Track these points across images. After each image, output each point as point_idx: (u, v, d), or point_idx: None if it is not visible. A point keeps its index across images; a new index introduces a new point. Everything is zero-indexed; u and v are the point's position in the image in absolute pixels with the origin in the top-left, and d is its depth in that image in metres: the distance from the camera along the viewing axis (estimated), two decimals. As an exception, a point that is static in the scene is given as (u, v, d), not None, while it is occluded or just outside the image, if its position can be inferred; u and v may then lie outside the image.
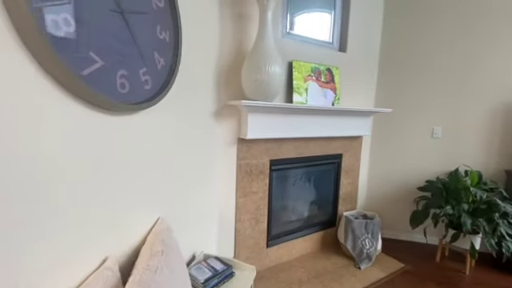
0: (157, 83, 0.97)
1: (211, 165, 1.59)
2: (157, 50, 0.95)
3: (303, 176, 2.22)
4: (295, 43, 1.91)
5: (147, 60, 0.90)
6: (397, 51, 2.37)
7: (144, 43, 0.87)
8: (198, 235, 1.54)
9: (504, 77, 2.17)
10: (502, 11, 2.11)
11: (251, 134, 1.65)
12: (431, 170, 2.37)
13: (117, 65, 0.77)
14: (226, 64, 1.60)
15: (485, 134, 2.25)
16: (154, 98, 0.94)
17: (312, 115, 1.94)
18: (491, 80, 2.19)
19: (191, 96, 1.40)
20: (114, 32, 0.75)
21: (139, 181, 1.04)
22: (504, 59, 2.15)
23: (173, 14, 1.01)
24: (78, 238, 0.81)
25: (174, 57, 1.04)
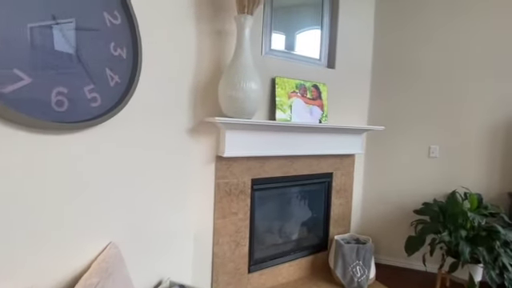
0: (109, 100, 0.93)
1: (185, 184, 1.53)
2: (109, 67, 0.91)
3: (290, 196, 2.11)
4: (279, 60, 1.88)
5: (95, 77, 0.86)
6: (389, 67, 2.30)
7: (92, 60, 0.84)
8: (167, 260, 1.45)
9: (503, 91, 2.06)
10: (499, 27, 2.04)
11: (229, 151, 1.59)
12: (428, 192, 2.22)
13: (52, 82, 0.73)
14: (204, 80, 1.57)
15: (485, 153, 2.12)
16: (105, 115, 0.89)
17: (298, 132, 1.86)
18: (490, 95, 2.08)
19: (161, 112, 1.36)
20: (50, 48, 0.72)
21: (80, 203, 0.97)
22: (502, 73, 2.05)
23: (132, 31, 0.99)
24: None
25: (132, 73, 1.00)
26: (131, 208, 1.21)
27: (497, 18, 2.04)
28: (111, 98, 0.93)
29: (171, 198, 1.46)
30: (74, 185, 0.95)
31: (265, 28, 1.80)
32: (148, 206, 1.36)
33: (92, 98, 0.86)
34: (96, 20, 0.85)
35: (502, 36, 2.04)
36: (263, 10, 1.77)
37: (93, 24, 0.84)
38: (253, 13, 1.48)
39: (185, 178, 1.52)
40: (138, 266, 1.28)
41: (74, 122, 0.81)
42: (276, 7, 1.85)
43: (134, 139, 1.20)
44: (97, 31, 0.84)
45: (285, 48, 1.95)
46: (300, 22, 2.04)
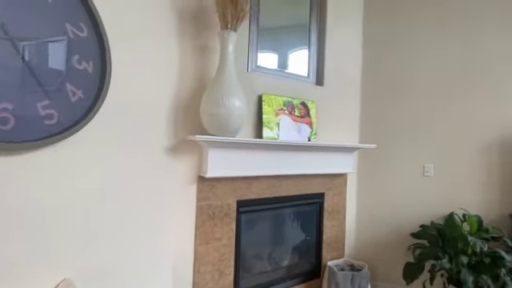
0: (70, 117, 0.84)
1: (162, 209, 1.42)
2: (71, 81, 0.84)
3: (279, 218, 1.99)
4: (266, 77, 1.83)
5: (52, 92, 0.78)
6: (379, 84, 2.28)
7: (48, 73, 0.77)
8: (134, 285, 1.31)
9: (496, 107, 2.01)
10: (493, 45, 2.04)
11: (212, 172, 1.49)
12: (425, 213, 2.11)
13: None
14: (187, 97, 1.50)
15: (481, 172, 2.04)
16: (63, 133, 0.81)
17: (286, 151, 1.78)
18: (483, 111, 2.03)
19: (134, 130, 1.28)
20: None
21: (25, 236, 0.86)
22: (496, 88, 2.02)
23: (100, 44, 0.92)
24: None
25: (99, 88, 0.93)
26: (96, 237, 1.09)
27: (490, 36, 2.04)
28: (72, 114, 0.85)
29: (146, 225, 1.34)
30: (17, 214, 0.84)
31: (251, 45, 1.77)
32: (118, 235, 1.25)
33: (47, 114, 0.78)
34: (56, 31, 0.79)
35: (496, 54, 2.03)
36: (249, 28, 1.75)
37: (51, 35, 0.77)
38: (236, 29, 1.45)
39: (162, 202, 1.41)
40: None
41: (22, 142, 0.72)
42: (263, 27, 1.83)
43: (101, 159, 1.10)
44: (55, 42, 0.78)
45: (272, 65, 1.91)
46: (287, 40, 2.03)
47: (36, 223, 0.88)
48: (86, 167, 1.06)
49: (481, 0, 2.05)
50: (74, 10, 0.83)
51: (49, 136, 0.79)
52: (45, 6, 0.75)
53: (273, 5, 1.91)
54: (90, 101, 0.90)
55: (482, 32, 2.05)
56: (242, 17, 1.44)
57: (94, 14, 0.87)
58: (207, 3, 1.51)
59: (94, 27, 0.89)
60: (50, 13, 0.77)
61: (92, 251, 1.16)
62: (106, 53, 0.94)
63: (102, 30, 0.92)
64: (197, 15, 1.51)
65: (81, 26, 0.84)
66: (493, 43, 2.03)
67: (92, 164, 1.07)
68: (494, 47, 2.02)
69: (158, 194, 1.40)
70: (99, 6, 1.05)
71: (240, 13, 1.41)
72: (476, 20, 2.06)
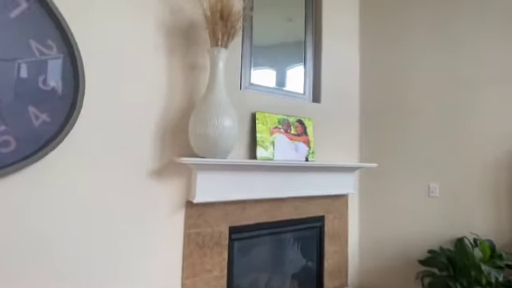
0: (31, 143, 0.74)
1: (143, 237, 1.29)
2: (34, 104, 0.74)
3: (276, 245, 1.85)
4: (260, 94, 1.76)
5: (10, 116, 0.69)
6: (379, 100, 2.21)
7: (5, 97, 0.67)
8: None
9: (503, 122, 1.91)
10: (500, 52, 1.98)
11: (200, 196, 1.37)
12: (433, 237, 1.97)
13: None
14: (175, 116, 1.41)
15: (490, 192, 1.92)
16: (21, 162, 0.70)
17: (282, 172, 1.67)
18: (488, 127, 1.94)
19: (114, 152, 1.18)
20: None
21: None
22: (502, 101, 1.93)
23: (72, 63, 0.84)
24: None
25: (70, 110, 0.83)
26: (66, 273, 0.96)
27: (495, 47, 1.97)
28: (34, 140, 0.75)
29: (126, 258, 1.21)
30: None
31: (244, 62, 1.71)
32: (92, 270, 1.12)
33: (2, 142, 0.67)
34: (17, 49, 0.71)
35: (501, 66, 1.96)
36: (242, 44, 1.69)
37: (11, 54, 0.69)
38: (227, 46, 1.39)
39: (145, 231, 1.29)
40: None
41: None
42: (256, 44, 1.78)
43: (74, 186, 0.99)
44: (14, 61, 0.69)
45: (267, 83, 1.84)
46: (283, 56, 1.97)
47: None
48: (53, 197, 0.95)
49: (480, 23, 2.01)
50: (41, 26, 0.75)
51: (3, 167, 0.68)
52: (5, 22, 0.67)
53: (267, 20, 1.87)
54: (57, 124, 0.81)
55: (486, 44, 1.99)
56: (233, 34, 1.38)
57: (64, 30, 0.80)
58: (197, 20, 1.46)
59: (66, 44, 0.81)
60: (11, 29, 0.69)
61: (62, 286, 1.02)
62: (78, 72, 0.86)
63: (74, 46, 0.84)
64: (186, 32, 1.45)
65: (49, 43, 0.77)
66: (498, 55, 1.96)
67: (61, 193, 0.96)
68: (498, 59, 1.96)
69: (141, 222, 1.28)
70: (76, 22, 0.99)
71: (231, 30, 1.35)
72: (480, 34, 2.00)
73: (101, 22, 1.15)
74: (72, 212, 1.05)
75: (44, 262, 0.99)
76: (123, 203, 1.22)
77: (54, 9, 0.76)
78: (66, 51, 0.83)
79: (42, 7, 0.74)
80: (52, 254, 1.02)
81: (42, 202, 0.97)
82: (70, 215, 1.04)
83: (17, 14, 0.68)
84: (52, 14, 0.76)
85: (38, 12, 0.73)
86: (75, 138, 0.95)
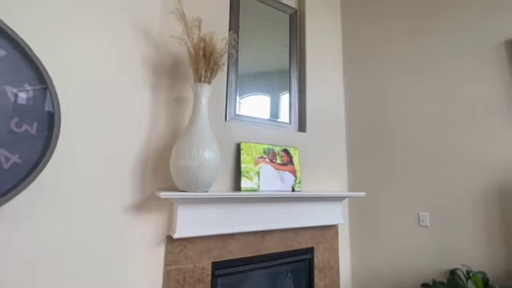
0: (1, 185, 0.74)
1: (119, 274, 1.23)
2: (5, 147, 0.75)
3: (263, 280, 1.77)
4: (245, 125, 1.79)
5: (-23, 159, 0.69)
6: (365, 128, 2.24)
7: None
8: None
9: (491, 150, 1.93)
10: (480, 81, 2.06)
11: (181, 231, 1.34)
12: (425, 268, 1.91)
13: None
14: (158, 149, 1.42)
15: (481, 222, 1.89)
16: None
17: (268, 203, 1.65)
18: (477, 157, 1.96)
19: (91, 188, 1.17)
20: None
21: None
22: (488, 135, 1.97)
23: (48, 104, 0.86)
24: None
25: (43, 149, 0.84)
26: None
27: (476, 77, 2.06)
28: (3, 182, 0.75)
29: None
30: None
31: (229, 94, 1.76)
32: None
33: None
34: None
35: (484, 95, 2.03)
36: (227, 77, 1.75)
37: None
38: (210, 82, 1.43)
39: (121, 268, 1.24)
40: None
41: None
42: (242, 74, 1.85)
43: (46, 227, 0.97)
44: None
45: (252, 113, 1.88)
46: (268, 86, 2.03)
47: None
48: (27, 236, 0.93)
49: (457, 44, 2.11)
50: (18, 70, 0.78)
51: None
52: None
53: (253, 52, 1.95)
54: (29, 165, 0.81)
55: (466, 73, 2.08)
56: (216, 70, 1.43)
57: (41, 73, 0.83)
58: (182, 56, 1.52)
59: (44, 87, 0.84)
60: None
61: None
62: (54, 115, 0.88)
63: (51, 90, 0.87)
64: (171, 67, 1.51)
65: (25, 86, 0.79)
66: (479, 85, 2.04)
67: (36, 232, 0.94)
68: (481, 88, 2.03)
69: (119, 260, 1.24)
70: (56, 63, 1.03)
71: (214, 66, 1.41)
72: (460, 61, 2.09)
73: (82, 61, 1.20)
74: (48, 249, 1.01)
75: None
76: (100, 239, 1.19)
77: (33, 55, 0.79)
78: (43, 93, 0.86)
79: (20, 54, 0.78)
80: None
81: (12, 243, 0.94)
82: (45, 253, 1.01)
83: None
84: (30, 60, 0.80)
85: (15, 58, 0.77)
86: (48, 178, 0.95)
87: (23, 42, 0.81)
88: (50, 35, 1.07)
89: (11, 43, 0.79)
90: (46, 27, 1.07)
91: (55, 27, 1.11)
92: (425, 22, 2.21)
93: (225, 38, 1.58)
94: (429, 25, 2.19)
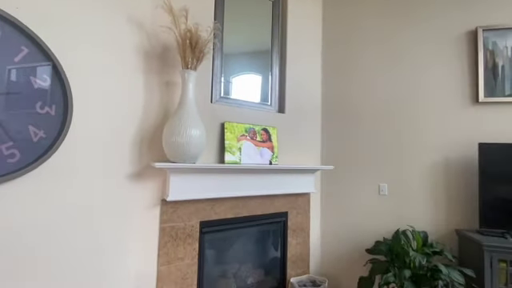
0: (31, 154, 0.98)
1: (124, 231, 1.53)
2: (33, 124, 0.98)
3: (244, 238, 2.11)
4: (229, 106, 2.02)
5: (15, 134, 0.93)
6: (338, 109, 2.50)
7: (12, 120, 0.91)
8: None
9: (440, 131, 2.24)
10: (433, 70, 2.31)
11: (173, 195, 1.62)
12: (380, 230, 2.28)
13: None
14: (151, 127, 1.65)
15: (429, 191, 2.24)
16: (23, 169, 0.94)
17: (248, 174, 1.94)
18: (430, 135, 2.27)
19: (99, 159, 1.42)
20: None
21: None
22: (440, 116, 2.26)
23: (63, 91, 1.08)
24: None
25: (61, 128, 1.07)
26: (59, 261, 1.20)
27: (429, 66, 2.31)
28: (33, 152, 0.99)
29: (109, 248, 1.46)
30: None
31: (215, 77, 1.97)
32: (82, 258, 1.35)
33: (10, 154, 0.91)
34: (22, 85, 0.95)
35: (436, 82, 2.29)
36: (212, 62, 1.94)
37: (15, 89, 0.93)
38: (196, 68, 1.64)
39: (126, 225, 1.53)
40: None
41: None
42: (226, 54, 2.04)
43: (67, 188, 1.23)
44: (18, 94, 0.93)
45: (236, 95, 2.10)
46: (250, 68, 2.23)
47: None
48: (51, 196, 1.19)
49: (425, 32, 2.33)
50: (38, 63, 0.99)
51: (9, 173, 0.92)
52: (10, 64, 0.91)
53: (237, 37, 2.12)
54: (51, 139, 1.04)
55: (422, 62, 2.32)
56: (202, 58, 1.63)
57: (57, 67, 1.03)
58: (171, 45, 1.70)
59: (58, 77, 1.05)
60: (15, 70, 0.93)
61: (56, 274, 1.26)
62: (68, 98, 1.10)
63: (65, 79, 1.08)
64: (162, 55, 1.70)
65: (44, 77, 1.00)
66: (432, 73, 2.29)
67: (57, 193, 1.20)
68: (433, 76, 2.29)
69: (122, 218, 1.52)
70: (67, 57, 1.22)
71: (199, 54, 1.60)
72: (417, 50, 2.33)
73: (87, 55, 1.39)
74: (65, 208, 1.28)
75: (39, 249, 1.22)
76: (106, 202, 1.46)
77: (49, 52, 0.99)
78: (58, 82, 1.07)
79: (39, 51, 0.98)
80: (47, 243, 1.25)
81: (37, 201, 1.20)
82: (63, 210, 1.27)
83: (19, 59, 0.92)
84: (47, 55, 1.00)
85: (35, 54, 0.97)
86: (66, 150, 1.18)
87: (40, 40, 1.01)
88: (60, 33, 1.26)
89: (30, 41, 0.99)
90: (57, 25, 1.25)
91: (64, 27, 1.29)
92: (397, 9, 2.39)
93: (209, 27, 1.75)
94: (400, 12, 2.38)
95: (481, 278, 1.77)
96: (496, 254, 1.75)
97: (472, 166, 2.14)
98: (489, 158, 1.96)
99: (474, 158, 2.14)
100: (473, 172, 2.13)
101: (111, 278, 1.47)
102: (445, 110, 2.26)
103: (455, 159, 2.20)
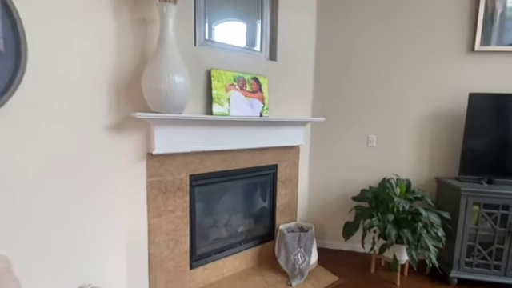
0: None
1: (108, 185, 1.44)
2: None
3: (234, 190, 2.11)
4: (215, 51, 1.81)
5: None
6: (330, 60, 2.35)
7: None
8: (89, 267, 1.38)
9: (430, 87, 2.21)
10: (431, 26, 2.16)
11: (159, 148, 1.52)
12: (367, 179, 2.36)
13: None
14: (128, 72, 1.46)
15: (415, 142, 2.28)
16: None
17: (238, 126, 1.84)
18: (421, 87, 2.22)
19: (64, 108, 1.26)
20: None
21: None
22: (429, 70, 2.19)
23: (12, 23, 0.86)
24: None
25: (15, 68, 0.88)
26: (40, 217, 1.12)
27: (427, 16, 2.15)
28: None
29: (94, 203, 1.38)
30: None
31: (198, 17, 1.72)
32: (65, 212, 1.28)
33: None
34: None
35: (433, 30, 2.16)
36: None
37: None
38: (176, 1, 1.39)
39: (109, 180, 1.43)
40: (50, 278, 1.20)
41: None
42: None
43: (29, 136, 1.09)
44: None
45: (223, 39, 1.88)
46: (240, 13, 1.97)
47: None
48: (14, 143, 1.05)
49: None
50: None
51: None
52: None
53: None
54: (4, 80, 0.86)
55: (420, 9, 2.15)
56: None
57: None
58: (143, -30, 1.41)
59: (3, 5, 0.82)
60: None
61: (37, 230, 1.19)
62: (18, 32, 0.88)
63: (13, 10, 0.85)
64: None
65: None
66: (429, 21, 2.15)
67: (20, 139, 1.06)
68: (430, 24, 2.15)
69: (104, 172, 1.42)
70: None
71: (179, -17, 1.35)
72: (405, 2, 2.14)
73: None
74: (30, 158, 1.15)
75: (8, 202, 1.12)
76: (83, 153, 1.34)
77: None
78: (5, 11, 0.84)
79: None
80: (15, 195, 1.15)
81: (2, 154, 1.06)
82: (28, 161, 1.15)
83: None
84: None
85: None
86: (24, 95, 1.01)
87: None
88: None
89: None
90: None
91: None
92: None
93: (189, -51, 1.45)
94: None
95: (455, 219, 1.92)
96: (471, 197, 1.87)
97: (460, 117, 2.16)
98: (477, 108, 1.97)
99: (463, 108, 2.15)
100: (460, 123, 2.16)
101: (99, 233, 1.43)
102: (438, 59, 2.18)
103: (444, 110, 2.20)
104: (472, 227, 1.89)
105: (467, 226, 1.88)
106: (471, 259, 1.91)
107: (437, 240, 1.77)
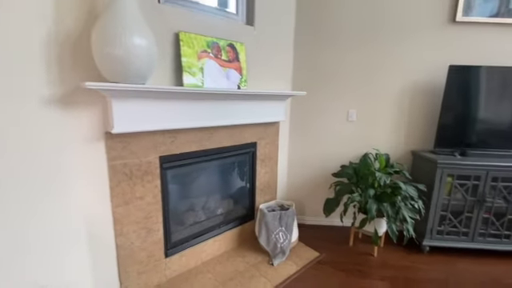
0: None
1: (58, 169, 1.20)
2: None
3: (211, 171, 1.95)
4: (184, 10, 1.53)
5: None
6: (311, 28, 2.17)
7: None
8: (41, 265, 1.17)
9: (410, 59, 2.15)
10: None
11: (119, 126, 1.27)
12: (347, 155, 2.33)
13: None
14: (72, 30, 1.16)
15: (394, 117, 2.26)
16: None
17: (214, 100, 1.63)
18: (400, 59, 2.16)
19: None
20: None
21: None
22: (409, 41, 2.12)
23: None
24: None
25: None
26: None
27: None
28: None
29: (41, 190, 1.13)
30: None
31: (160, -34, 1.41)
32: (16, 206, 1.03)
33: None
34: None
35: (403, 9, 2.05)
36: None
37: None
38: None
39: (58, 163, 1.19)
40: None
41: None
42: None
43: None
44: None
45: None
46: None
47: None
48: None
49: None
50: None
51: None
52: None
53: None
54: None
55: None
56: None
57: None
58: None
59: None
60: None
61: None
62: None
63: None
64: None
65: None
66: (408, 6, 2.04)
67: None
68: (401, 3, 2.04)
69: (52, 155, 1.17)
70: None
71: None
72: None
73: None
74: None
75: None
76: (18, 129, 1.07)
77: None
78: None
79: None
80: None
81: None
82: None
83: None
84: None
85: None
86: None
87: None
88: None
89: None
90: None
91: None
92: None
93: None
94: None
95: (429, 191, 1.97)
96: (446, 169, 1.91)
97: (439, 90, 2.15)
98: (456, 80, 1.96)
99: (442, 81, 2.14)
100: (439, 96, 2.16)
101: (51, 225, 1.21)
102: (419, 30, 2.10)
103: (423, 83, 2.18)
104: (445, 197, 1.96)
105: (441, 197, 1.95)
106: (442, 227, 2.00)
107: (414, 212, 1.81)
